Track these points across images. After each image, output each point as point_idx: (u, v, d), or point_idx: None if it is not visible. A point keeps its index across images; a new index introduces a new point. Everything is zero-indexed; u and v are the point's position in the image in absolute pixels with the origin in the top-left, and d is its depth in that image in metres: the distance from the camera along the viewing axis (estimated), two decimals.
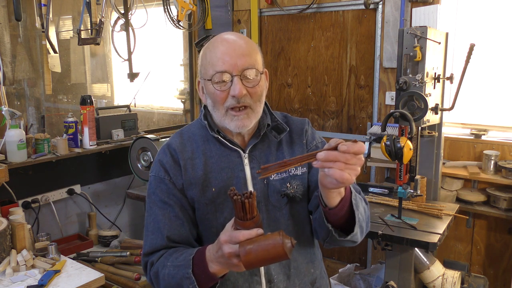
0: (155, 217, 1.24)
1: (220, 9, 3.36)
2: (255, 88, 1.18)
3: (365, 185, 2.56)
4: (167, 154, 1.27)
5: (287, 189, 1.25)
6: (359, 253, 3.10)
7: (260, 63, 1.21)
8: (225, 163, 1.24)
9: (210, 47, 1.20)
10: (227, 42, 1.17)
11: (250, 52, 1.17)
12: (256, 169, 1.25)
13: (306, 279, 1.30)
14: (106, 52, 3.06)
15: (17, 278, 1.78)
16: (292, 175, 1.27)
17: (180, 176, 1.24)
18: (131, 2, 2.75)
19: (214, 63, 1.16)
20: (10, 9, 2.39)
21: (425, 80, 2.03)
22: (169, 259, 1.17)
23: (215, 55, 1.17)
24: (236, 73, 1.15)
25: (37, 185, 2.44)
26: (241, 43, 1.18)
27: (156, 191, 1.25)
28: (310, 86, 3.17)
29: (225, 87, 1.16)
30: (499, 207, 2.45)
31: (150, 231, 1.24)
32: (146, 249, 1.24)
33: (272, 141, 1.29)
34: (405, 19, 2.61)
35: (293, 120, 1.36)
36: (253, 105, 1.19)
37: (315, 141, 1.33)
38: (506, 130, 2.62)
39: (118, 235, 2.65)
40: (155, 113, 3.53)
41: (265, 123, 1.27)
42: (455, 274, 2.17)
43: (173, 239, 1.22)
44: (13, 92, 2.51)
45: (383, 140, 1.96)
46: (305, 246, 1.30)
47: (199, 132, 1.29)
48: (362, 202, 1.19)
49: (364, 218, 1.17)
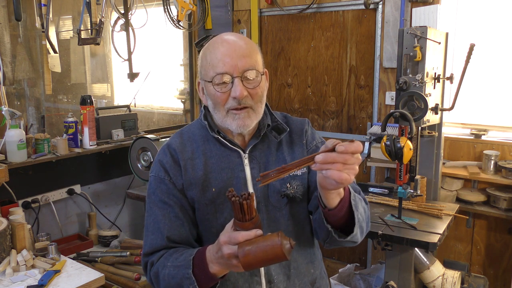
0: (155, 217, 1.24)
1: (220, 9, 3.36)
2: (256, 89, 1.17)
3: (365, 185, 2.56)
4: (167, 154, 1.26)
5: (287, 189, 1.25)
6: (359, 253, 3.10)
7: (260, 63, 1.21)
8: (225, 163, 1.24)
9: (210, 48, 1.19)
10: (227, 43, 1.17)
11: (250, 52, 1.17)
12: (256, 169, 1.25)
13: (306, 279, 1.30)
14: (106, 52, 3.06)
15: (17, 278, 1.78)
16: (292, 175, 1.27)
17: (180, 176, 1.24)
18: (131, 2, 2.75)
19: (214, 64, 1.16)
20: (10, 9, 2.39)
21: (425, 80, 2.03)
22: (169, 259, 1.17)
23: (216, 56, 1.16)
24: (237, 74, 1.14)
25: (37, 185, 2.44)
26: (241, 44, 1.17)
27: (156, 191, 1.25)
28: (310, 86, 3.17)
29: (226, 89, 1.16)
30: (499, 207, 2.45)
31: (150, 231, 1.24)
32: (146, 249, 1.24)
33: (272, 141, 1.29)
34: (405, 19, 2.61)
35: (293, 120, 1.36)
36: (254, 106, 1.19)
37: (315, 141, 1.33)
38: (506, 130, 2.62)
39: (118, 235, 2.65)
40: (155, 113, 3.53)
41: (265, 124, 1.27)
42: (455, 274, 2.17)
43: (173, 239, 1.21)
44: (13, 92, 2.51)
45: (383, 140, 1.96)
46: (305, 247, 1.30)
47: (199, 132, 1.29)
48: (361, 202, 1.19)
49: (364, 218, 1.17)
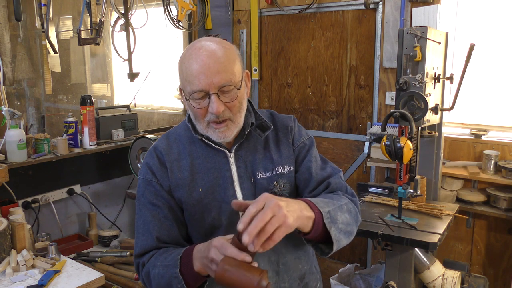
0: (145, 219, 1.25)
1: (220, 9, 3.36)
2: (234, 102, 1.16)
3: (365, 185, 2.56)
4: (154, 156, 1.28)
5: (274, 187, 1.26)
6: (359, 253, 3.10)
7: (238, 72, 1.17)
8: (211, 164, 1.25)
9: (185, 62, 1.16)
10: (201, 59, 1.12)
11: (225, 66, 1.13)
12: (243, 168, 1.26)
13: (295, 274, 1.32)
14: (106, 52, 3.06)
15: (17, 278, 1.78)
16: (279, 173, 1.28)
17: (167, 178, 1.25)
18: (131, 2, 2.74)
19: (190, 81, 1.14)
20: (10, 9, 2.39)
21: (425, 80, 2.03)
22: (159, 259, 1.19)
23: (190, 72, 1.13)
24: (213, 91, 1.13)
25: (37, 185, 2.44)
26: (216, 58, 1.12)
27: (144, 193, 1.27)
28: (310, 86, 3.17)
29: (204, 104, 1.15)
30: (499, 207, 2.45)
31: (141, 233, 1.25)
32: (137, 250, 1.26)
33: (258, 139, 1.29)
34: (405, 19, 2.61)
35: (278, 117, 1.36)
36: (233, 117, 1.18)
37: (302, 139, 1.34)
38: (506, 130, 2.62)
39: (118, 235, 2.65)
40: (155, 113, 3.53)
41: (249, 122, 1.27)
42: (455, 274, 2.17)
43: (162, 239, 1.23)
44: (13, 92, 2.51)
45: (383, 140, 1.96)
46: (293, 243, 1.31)
47: (185, 133, 1.30)
48: (341, 209, 1.17)
49: (349, 222, 1.17)
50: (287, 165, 1.29)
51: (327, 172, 1.32)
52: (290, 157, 1.31)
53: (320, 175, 1.30)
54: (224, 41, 1.20)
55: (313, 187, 1.29)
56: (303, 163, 1.31)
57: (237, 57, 1.19)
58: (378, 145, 2.67)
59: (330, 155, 3.12)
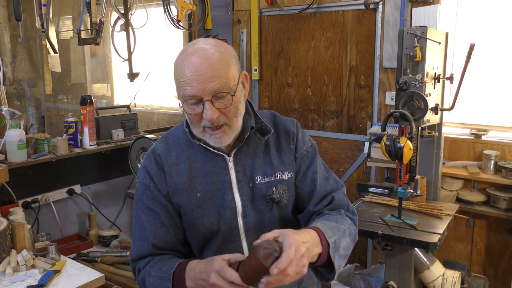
0: (141, 223, 1.24)
1: (220, 9, 3.36)
2: (229, 108, 1.13)
3: (365, 185, 2.56)
4: (152, 160, 1.26)
5: (273, 193, 1.24)
6: (359, 253, 3.10)
7: (233, 76, 1.13)
8: (210, 168, 1.23)
9: (179, 67, 1.12)
10: (193, 66, 1.08)
11: (219, 71, 1.09)
12: (242, 172, 1.23)
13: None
14: (106, 52, 3.06)
15: (17, 278, 1.78)
16: (279, 179, 1.25)
17: (165, 182, 1.24)
18: (131, 2, 2.74)
19: (183, 86, 1.11)
20: (10, 9, 2.39)
21: (425, 80, 2.03)
22: (154, 267, 1.18)
23: (183, 78, 1.10)
24: (207, 97, 1.10)
25: (37, 185, 2.44)
26: (210, 63, 1.08)
27: (142, 197, 1.26)
28: (310, 86, 3.17)
29: (198, 109, 1.12)
30: (499, 207, 2.45)
31: (137, 238, 1.25)
32: (133, 255, 1.25)
33: (258, 143, 1.26)
34: (405, 19, 2.61)
35: (280, 121, 1.32)
36: (229, 122, 1.15)
37: (306, 146, 1.31)
38: (506, 130, 2.62)
39: (118, 235, 2.65)
40: (155, 113, 3.53)
41: (248, 126, 1.24)
42: (455, 274, 2.17)
43: (158, 246, 1.22)
44: (13, 92, 2.51)
45: (383, 140, 1.96)
46: None
47: (183, 136, 1.28)
48: (345, 234, 1.17)
49: (348, 245, 1.19)
50: (287, 171, 1.27)
51: (330, 185, 1.30)
52: (291, 163, 1.28)
53: (324, 189, 1.29)
54: (219, 43, 1.15)
55: (317, 200, 1.28)
56: (308, 174, 1.29)
57: (232, 59, 1.14)
58: (378, 145, 2.67)
59: (330, 155, 3.12)
